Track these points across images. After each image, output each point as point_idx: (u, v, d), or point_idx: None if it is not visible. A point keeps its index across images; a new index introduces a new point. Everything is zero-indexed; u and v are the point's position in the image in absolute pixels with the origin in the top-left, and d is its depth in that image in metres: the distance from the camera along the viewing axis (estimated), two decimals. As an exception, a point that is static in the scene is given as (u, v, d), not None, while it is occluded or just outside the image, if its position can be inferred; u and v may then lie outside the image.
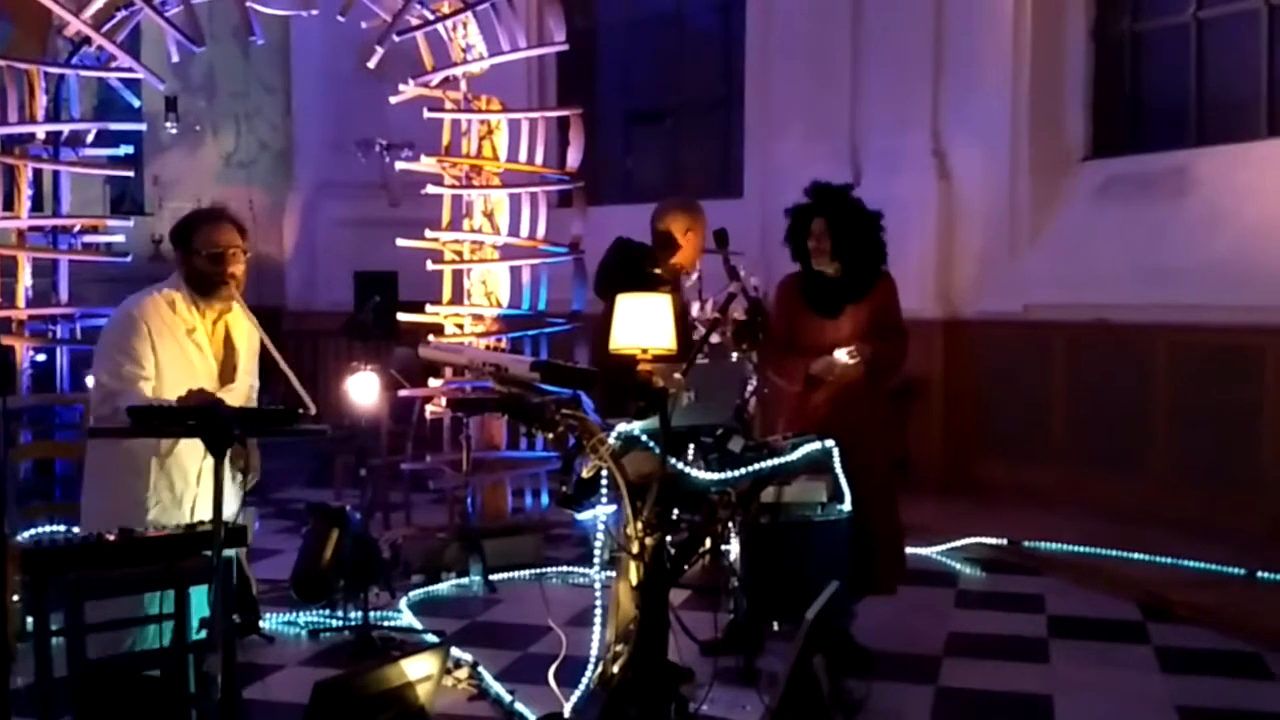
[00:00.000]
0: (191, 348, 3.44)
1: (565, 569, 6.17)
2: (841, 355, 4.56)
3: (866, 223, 4.65)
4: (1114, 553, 6.25)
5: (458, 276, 6.96)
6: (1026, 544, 6.58)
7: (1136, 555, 6.18)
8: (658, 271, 4.46)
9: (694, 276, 6.65)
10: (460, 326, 6.90)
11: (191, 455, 2.92)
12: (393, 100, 7.04)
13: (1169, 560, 6.09)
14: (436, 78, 6.93)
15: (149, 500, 3.35)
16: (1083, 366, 7.58)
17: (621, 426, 3.52)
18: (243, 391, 3.54)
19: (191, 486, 2.97)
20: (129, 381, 3.25)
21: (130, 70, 6.39)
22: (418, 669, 3.30)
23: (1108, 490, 7.21)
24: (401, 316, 7.03)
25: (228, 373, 3.53)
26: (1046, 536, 6.57)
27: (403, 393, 6.86)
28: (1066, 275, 7.69)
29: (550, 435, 3.53)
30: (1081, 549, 6.38)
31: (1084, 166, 8.16)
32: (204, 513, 3.11)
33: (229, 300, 3.52)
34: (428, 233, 6.92)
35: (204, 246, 3.47)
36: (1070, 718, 4.29)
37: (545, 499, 7.09)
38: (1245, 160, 7.20)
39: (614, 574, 4.12)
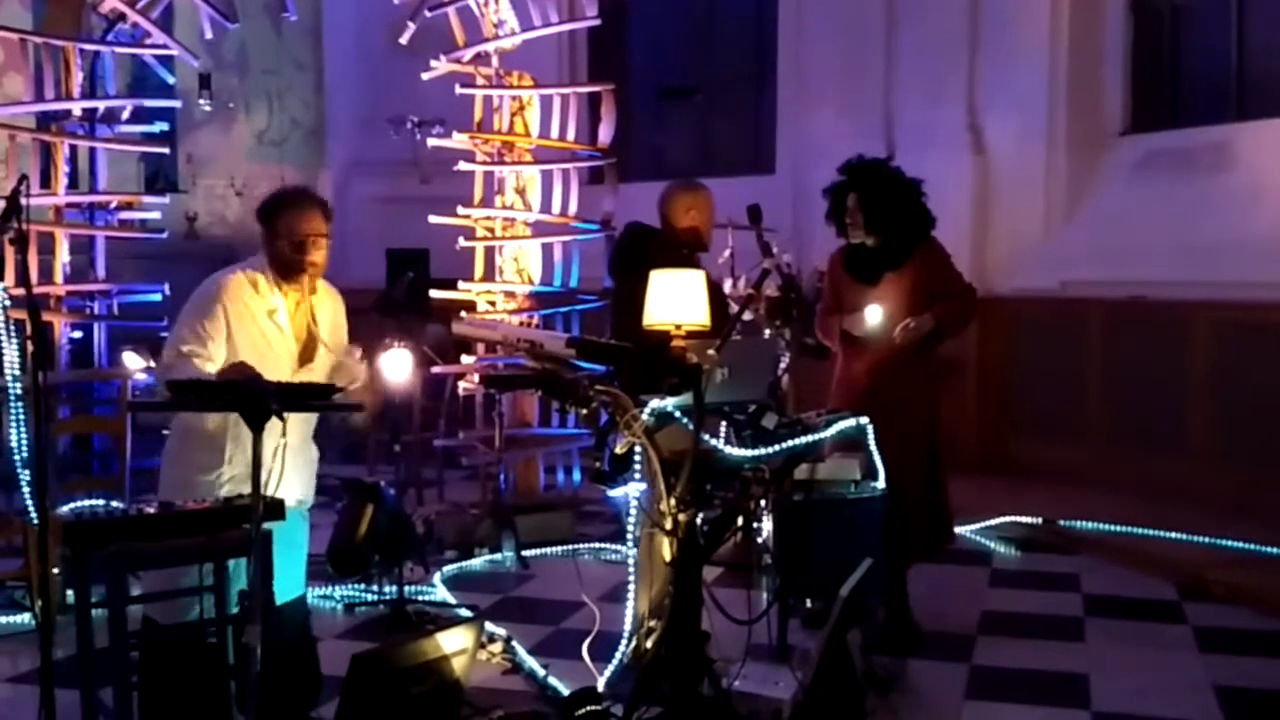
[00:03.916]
0: (272, 328, 3.47)
1: (597, 545, 6.18)
2: (870, 312, 4.59)
3: (902, 192, 4.66)
4: (1150, 532, 6.19)
5: (490, 253, 6.96)
6: (1062, 523, 6.53)
7: (1173, 535, 6.12)
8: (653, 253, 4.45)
9: (726, 253, 6.65)
10: (492, 304, 6.91)
11: (269, 430, 2.92)
12: (425, 77, 7.04)
13: (1206, 540, 6.02)
14: (468, 54, 6.92)
15: (224, 474, 3.39)
16: (1120, 344, 7.48)
17: (655, 403, 3.52)
18: (322, 372, 3.56)
19: (267, 460, 3.00)
20: (187, 359, 3.29)
21: (165, 47, 6.42)
22: (453, 642, 3.33)
23: (1144, 469, 7.13)
24: (434, 293, 7.05)
25: (308, 353, 3.55)
26: (1082, 516, 6.51)
27: (435, 369, 6.89)
28: (1104, 252, 7.59)
29: (583, 411, 3.53)
30: (1117, 528, 6.32)
31: (1122, 141, 8.04)
32: (280, 489, 3.16)
33: (308, 287, 3.51)
34: (460, 209, 6.93)
35: (286, 233, 3.43)
36: (1107, 696, 4.26)
37: (577, 475, 7.10)
38: (1287, 135, 7.06)
39: (647, 550, 4.12)
